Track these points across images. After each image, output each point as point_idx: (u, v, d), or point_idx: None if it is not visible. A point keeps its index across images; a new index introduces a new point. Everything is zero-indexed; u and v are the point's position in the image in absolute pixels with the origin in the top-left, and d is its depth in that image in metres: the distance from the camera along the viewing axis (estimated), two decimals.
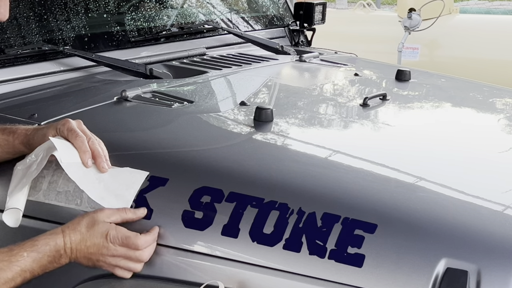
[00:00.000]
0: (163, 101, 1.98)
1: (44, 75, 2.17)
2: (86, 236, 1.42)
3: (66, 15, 2.32)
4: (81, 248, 1.42)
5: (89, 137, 1.56)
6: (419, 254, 1.31)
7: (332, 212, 1.39)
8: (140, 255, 1.43)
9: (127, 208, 1.49)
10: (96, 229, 1.42)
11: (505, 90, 2.65)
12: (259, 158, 1.67)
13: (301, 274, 1.35)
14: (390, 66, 3.02)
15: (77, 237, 1.42)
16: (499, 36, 5.83)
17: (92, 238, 1.42)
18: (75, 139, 1.54)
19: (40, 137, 1.58)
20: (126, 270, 1.45)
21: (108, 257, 1.43)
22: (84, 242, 1.42)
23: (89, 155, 1.53)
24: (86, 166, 1.52)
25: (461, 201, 1.49)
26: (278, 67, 2.68)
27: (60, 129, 1.56)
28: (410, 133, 1.99)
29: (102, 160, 1.54)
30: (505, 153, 1.87)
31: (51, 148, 1.52)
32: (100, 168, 1.53)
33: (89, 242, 1.42)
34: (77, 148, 1.53)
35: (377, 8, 7.60)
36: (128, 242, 1.42)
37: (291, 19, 3.23)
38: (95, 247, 1.42)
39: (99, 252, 1.42)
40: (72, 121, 1.57)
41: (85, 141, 1.54)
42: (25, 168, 1.55)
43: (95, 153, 1.54)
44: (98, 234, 1.42)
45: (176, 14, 2.79)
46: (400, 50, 5.68)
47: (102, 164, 1.53)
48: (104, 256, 1.43)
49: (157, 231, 1.46)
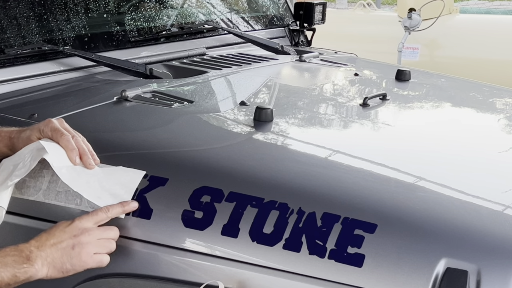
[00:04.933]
0: (163, 101, 1.98)
1: (44, 75, 2.17)
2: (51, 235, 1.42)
3: (66, 15, 2.32)
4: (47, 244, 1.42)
5: (73, 134, 1.55)
6: (419, 254, 1.31)
7: (332, 212, 1.39)
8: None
9: (108, 206, 1.48)
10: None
11: (505, 90, 2.65)
12: (259, 158, 1.67)
13: (301, 274, 1.35)
14: (390, 66, 3.02)
15: (42, 239, 1.42)
16: (499, 36, 5.83)
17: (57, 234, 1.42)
18: (60, 138, 1.53)
19: (25, 139, 1.57)
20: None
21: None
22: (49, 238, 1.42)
23: (76, 153, 1.53)
24: (75, 163, 1.52)
25: (461, 201, 1.49)
26: (278, 67, 2.68)
27: (43, 130, 1.55)
28: (410, 133, 1.99)
29: (88, 157, 1.54)
30: (505, 153, 1.87)
31: (40, 150, 1.52)
32: (87, 165, 1.53)
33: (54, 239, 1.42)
34: (64, 147, 1.52)
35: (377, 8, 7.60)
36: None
37: (291, 19, 3.23)
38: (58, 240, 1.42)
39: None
40: (55, 121, 1.56)
41: (71, 139, 1.53)
42: (12, 166, 1.54)
43: (80, 150, 1.53)
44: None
45: (176, 14, 2.79)
46: (400, 50, 5.68)
47: (89, 161, 1.53)
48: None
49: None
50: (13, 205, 1.58)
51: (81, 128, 1.78)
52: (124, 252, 1.49)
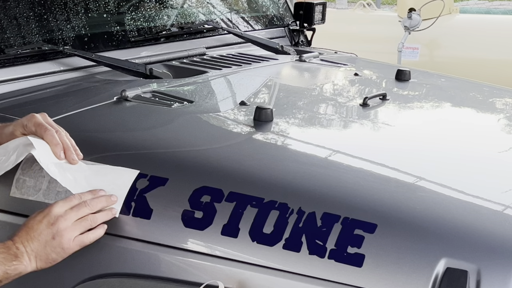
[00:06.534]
0: (163, 101, 1.97)
1: (44, 75, 2.17)
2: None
3: (66, 15, 2.32)
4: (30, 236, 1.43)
5: (57, 129, 1.56)
6: (419, 254, 1.31)
7: (332, 212, 1.39)
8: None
9: (81, 193, 1.48)
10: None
11: (505, 90, 2.65)
12: (259, 158, 1.67)
13: (301, 274, 1.35)
14: (390, 66, 3.02)
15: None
16: (499, 36, 5.84)
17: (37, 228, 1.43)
18: (44, 133, 1.53)
19: (8, 135, 1.57)
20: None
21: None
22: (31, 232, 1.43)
23: (61, 147, 1.53)
24: (59, 158, 1.52)
25: (461, 201, 1.49)
26: (278, 67, 2.68)
27: (27, 125, 1.55)
28: (410, 133, 1.99)
29: (72, 152, 1.54)
30: (505, 153, 1.87)
31: (27, 146, 1.52)
32: (70, 160, 1.53)
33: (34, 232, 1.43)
34: (48, 142, 1.52)
35: (377, 8, 7.60)
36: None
37: (291, 19, 3.23)
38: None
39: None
40: (38, 115, 1.56)
41: (55, 134, 1.53)
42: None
43: (64, 145, 1.54)
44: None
45: (176, 14, 2.79)
46: (400, 50, 5.68)
47: (72, 156, 1.54)
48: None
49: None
50: (13, 205, 1.58)
51: (81, 128, 1.79)
52: (124, 252, 1.49)
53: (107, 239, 1.50)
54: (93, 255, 1.52)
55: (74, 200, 1.47)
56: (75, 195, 1.48)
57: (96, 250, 1.50)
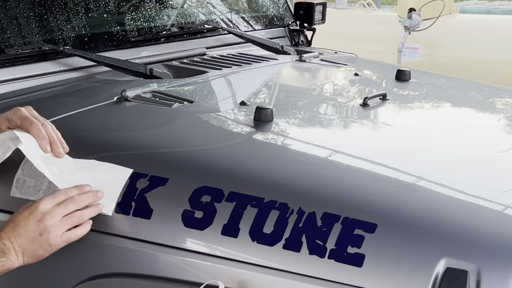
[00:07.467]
0: (163, 101, 1.98)
1: (44, 75, 2.17)
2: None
3: (66, 15, 2.32)
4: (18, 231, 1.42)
5: (42, 122, 1.55)
6: (419, 254, 1.31)
7: (332, 212, 1.39)
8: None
9: (67, 188, 1.48)
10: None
11: (505, 90, 2.65)
12: (259, 158, 1.67)
13: (301, 274, 1.35)
14: (390, 66, 3.02)
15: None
16: (499, 36, 5.83)
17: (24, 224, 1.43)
18: (30, 126, 1.52)
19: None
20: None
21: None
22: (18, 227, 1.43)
23: (47, 141, 1.52)
24: (46, 152, 1.52)
25: (461, 201, 1.49)
26: (278, 67, 2.68)
27: (12, 119, 1.54)
28: (410, 133, 1.99)
29: (58, 145, 1.53)
30: (505, 153, 1.87)
31: (14, 140, 1.51)
32: (56, 153, 1.53)
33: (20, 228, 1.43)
34: (34, 136, 1.52)
35: (377, 8, 7.60)
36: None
37: (291, 19, 3.23)
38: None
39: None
40: (23, 109, 1.55)
41: (41, 127, 1.53)
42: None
43: (50, 138, 1.53)
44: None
45: (176, 14, 2.79)
46: (400, 50, 5.68)
47: (58, 149, 1.53)
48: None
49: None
50: (13, 205, 1.58)
51: (81, 128, 1.79)
52: (124, 252, 1.49)
53: (107, 239, 1.51)
54: (93, 255, 1.52)
55: (61, 196, 1.46)
56: (61, 191, 1.47)
57: (96, 250, 1.51)
